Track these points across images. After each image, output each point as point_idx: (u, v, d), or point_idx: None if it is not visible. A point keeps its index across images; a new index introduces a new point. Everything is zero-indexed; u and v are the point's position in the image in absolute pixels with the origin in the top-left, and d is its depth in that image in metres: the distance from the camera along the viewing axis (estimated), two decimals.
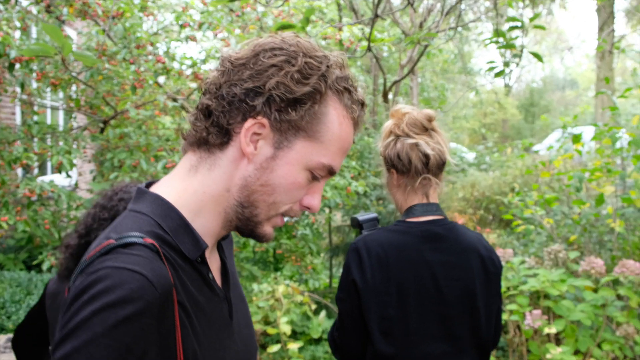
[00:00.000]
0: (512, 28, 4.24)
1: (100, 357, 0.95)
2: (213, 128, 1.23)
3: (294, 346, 5.23)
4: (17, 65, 5.41)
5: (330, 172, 1.30)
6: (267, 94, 1.20)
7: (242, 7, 6.08)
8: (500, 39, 4.22)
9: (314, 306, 5.60)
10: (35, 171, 6.88)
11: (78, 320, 0.97)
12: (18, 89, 5.85)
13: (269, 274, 6.70)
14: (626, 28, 23.98)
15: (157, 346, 1.03)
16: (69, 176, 5.82)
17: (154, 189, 1.28)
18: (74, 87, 6.54)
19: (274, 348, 4.89)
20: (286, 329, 5.04)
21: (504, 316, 4.44)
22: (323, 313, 5.77)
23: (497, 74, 4.44)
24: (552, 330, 4.18)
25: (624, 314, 4.22)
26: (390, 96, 10.19)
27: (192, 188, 1.25)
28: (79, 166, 8.49)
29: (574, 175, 5.11)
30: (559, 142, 5.92)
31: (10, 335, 4.80)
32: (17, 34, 6.04)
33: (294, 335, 6.20)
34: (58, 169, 5.63)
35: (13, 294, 5.76)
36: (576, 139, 5.40)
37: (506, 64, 4.08)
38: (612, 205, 5.58)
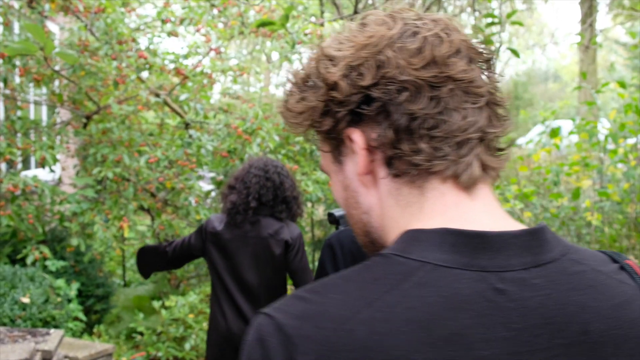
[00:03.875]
0: (490, 24, 4.29)
1: None
2: None
3: None
4: (0, 61, 5.41)
5: None
6: None
7: (224, 4, 6.11)
8: (479, 36, 4.27)
9: None
10: (19, 166, 6.84)
11: None
12: (1, 84, 5.84)
13: None
14: (607, 21, 24.11)
15: None
16: (52, 171, 5.83)
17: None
18: (56, 83, 6.54)
19: None
20: None
21: None
22: None
23: None
24: None
25: None
26: None
27: None
28: (62, 161, 8.47)
29: (552, 170, 5.19)
30: (540, 136, 5.99)
31: (1, 327, 4.83)
32: (0, 29, 6.04)
33: None
34: (41, 163, 5.64)
35: None
36: (554, 133, 5.47)
37: None
38: (590, 199, 5.67)
